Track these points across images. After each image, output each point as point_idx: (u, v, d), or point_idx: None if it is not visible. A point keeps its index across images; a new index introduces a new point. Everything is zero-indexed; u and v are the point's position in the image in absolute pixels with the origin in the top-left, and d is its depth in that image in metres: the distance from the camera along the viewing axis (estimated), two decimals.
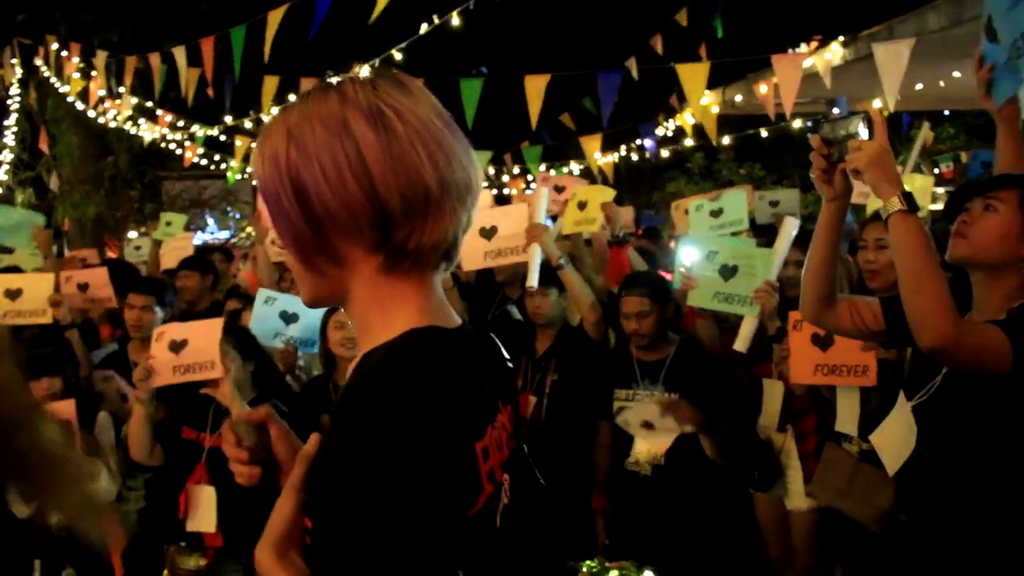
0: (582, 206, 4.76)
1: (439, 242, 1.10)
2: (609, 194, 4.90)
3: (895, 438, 2.48)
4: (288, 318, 4.27)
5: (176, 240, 6.57)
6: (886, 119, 2.35)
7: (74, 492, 1.53)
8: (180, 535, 3.52)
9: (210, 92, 9.18)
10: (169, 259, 6.22)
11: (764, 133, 10.28)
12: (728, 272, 3.84)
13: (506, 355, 1.32)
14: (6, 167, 13.51)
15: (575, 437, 3.93)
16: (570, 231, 4.72)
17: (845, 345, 3.19)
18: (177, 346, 3.46)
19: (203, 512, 3.45)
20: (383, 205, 1.05)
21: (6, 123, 12.65)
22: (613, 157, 11.87)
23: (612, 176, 11.54)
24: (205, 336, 3.45)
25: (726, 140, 11.05)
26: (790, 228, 3.75)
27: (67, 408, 3.62)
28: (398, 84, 1.10)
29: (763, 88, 7.23)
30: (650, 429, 3.51)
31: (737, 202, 4.75)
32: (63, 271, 5.16)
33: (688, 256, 4.04)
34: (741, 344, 3.72)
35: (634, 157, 12.24)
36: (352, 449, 0.95)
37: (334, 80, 1.13)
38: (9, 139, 12.89)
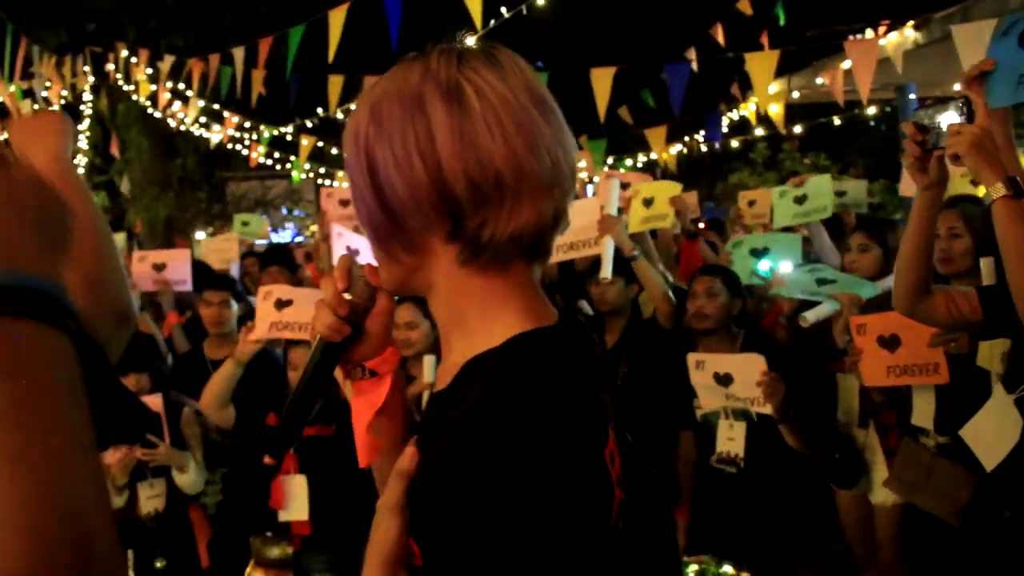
0: (648, 203, 4.73)
1: (519, 235, 0.98)
2: (675, 188, 4.86)
3: (991, 432, 2.41)
4: None
5: (219, 241, 6.61)
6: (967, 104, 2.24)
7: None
8: (266, 525, 3.59)
9: (263, 91, 9.30)
10: (213, 259, 6.27)
11: (837, 121, 10.08)
12: (825, 283, 3.81)
13: (596, 339, 1.21)
14: (81, 171, 13.89)
15: (648, 432, 3.91)
16: (638, 229, 4.67)
17: (913, 344, 3.11)
18: (282, 304, 3.53)
19: (296, 501, 3.52)
20: (449, 190, 0.95)
21: (80, 129, 13.01)
22: (678, 149, 11.75)
23: (675, 168, 11.44)
24: (310, 301, 3.52)
25: (797, 129, 10.84)
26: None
27: (154, 403, 3.71)
28: (488, 58, 0.99)
29: (832, 75, 7.10)
30: (724, 385, 3.47)
31: (822, 188, 4.67)
32: (136, 252, 5.23)
33: (784, 267, 4.05)
34: (811, 316, 3.66)
35: (703, 148, 12.10)
36: (489, 474, 0.87)
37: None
38: (82, 144, 13.26)
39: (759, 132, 11.16)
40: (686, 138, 12.37)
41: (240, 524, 3.76)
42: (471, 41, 1.10)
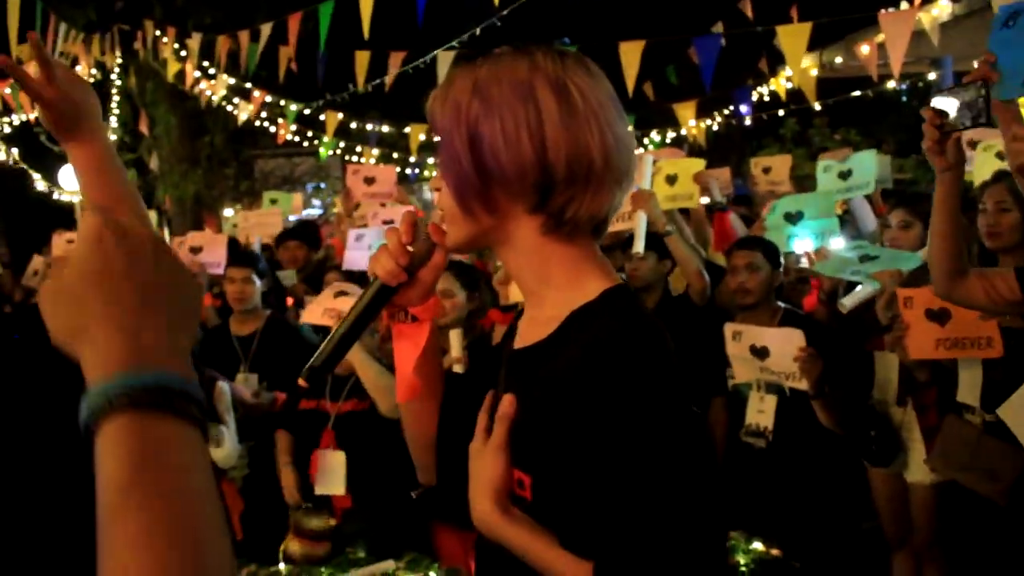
0: (671, 180, 4.68)
1: (595, 215, 1.17)
2: (698, 164, 4.81)
3: None
4: None
5: (262, 215, 6.65)
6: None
7: None
8: (306, 497, 3.63)
9: (294, 67, 9.30)
10: (256, 233, 6.31)
11: (870, 94, 9.91)
12: (868, 259, 3.76)
13: None
14: None
15: None
16: (664, 207, 4.64)
17: (964, 316, 3.04)
18: (340, 294, 3.64)
19: (333, 476, 3.55)
20: (549, 170, 1.13)
21: (109, 107, 13.08)
22: (706, 124, 11.62)
23: (705, 144, 11.32)
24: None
25: (831, 102, 10.66)
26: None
27: None
28: (583, 64, 1.18)
29: (865, 48, 6.97)
30: (760, 357, 3.44)
31: (866, 164, 4.60)
32: (176, 239, 5.27)
33: (834, 244, 4.02)
34: (849, 301, 3.62)
35: (733, 122, 11.97)
36: (635, 385, 1.04)
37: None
38: (112, 122, 13.34)
39: (788, 107, 10.98)
40: (715, 113, 12.24)
41: (273, 497, 3.79)
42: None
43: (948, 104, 2.23)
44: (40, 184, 14.71)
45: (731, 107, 11.76)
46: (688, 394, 1.10)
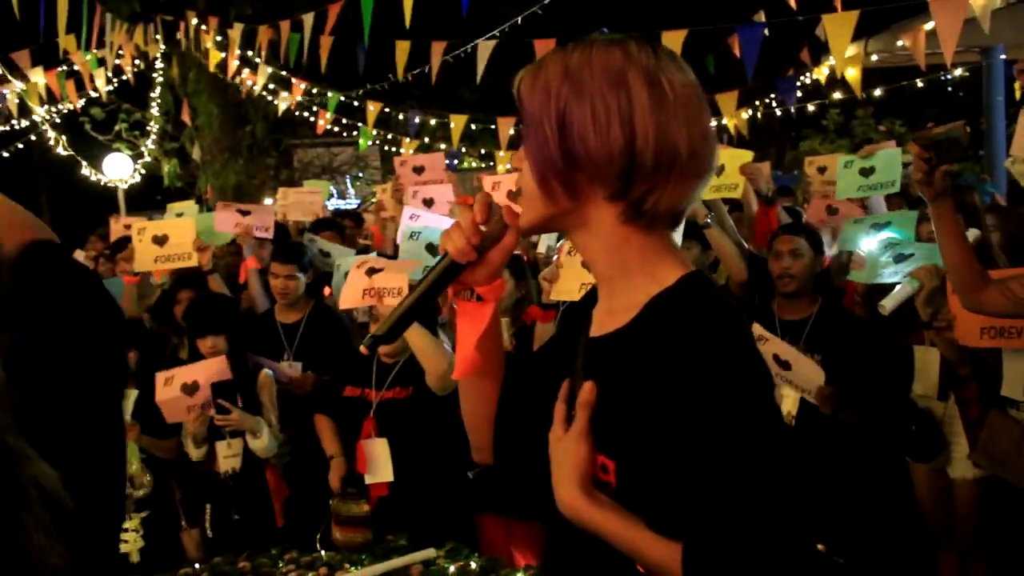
0: (717, 170, 4.63)
1: (674, 206, 1.20)
2: (746, 156, 4.75)
3: None
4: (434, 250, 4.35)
5: (301, 193, 6.54)
6: None
7: None
8: (346, 484, 3.66)
9: (323, 56, 9.31)
10: (296, 212, 6.27)
11: (918, 84, 9.73)
12: (903, 258, 3.70)
13: None
14: (153, 138, 14.17)
15: None
16: (708, 197, 4.59)
17: None
18: (373, 271, 3.62)
19: (380, 464, 3.58)
20: (636, 158, 1.14)
21: (152, 96, 13.24)
22: (747, 114, 11.48)
23: (747, 135, 11.19)
24: (400, 268, 3.63)
25: (877, 93, 10.47)
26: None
27: (221, 366, 3.77)
28: (673, 59, 1.20)
29: (914, 36, 6.83)
30: (782, 368, 3.43)
31: (891, 161, 4.51)
32: (221, 203, 5.27)
33: (866, 244, 3.95)
34: (889, 303, 3.57)
35: (778, 112, 11.82)
36: (721, 389, 1.06)
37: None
38: (155, 111, 13.49)
39: (838, 96, 10.78)
40: (756, 104, 12.09)
41: (313, 484, 3.82)
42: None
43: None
44: (86, 171, 14.93)
45: (772, 97, 11.62)
46: (768, 376, 1.13)
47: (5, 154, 14.20)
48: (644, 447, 1.11)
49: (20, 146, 14.21)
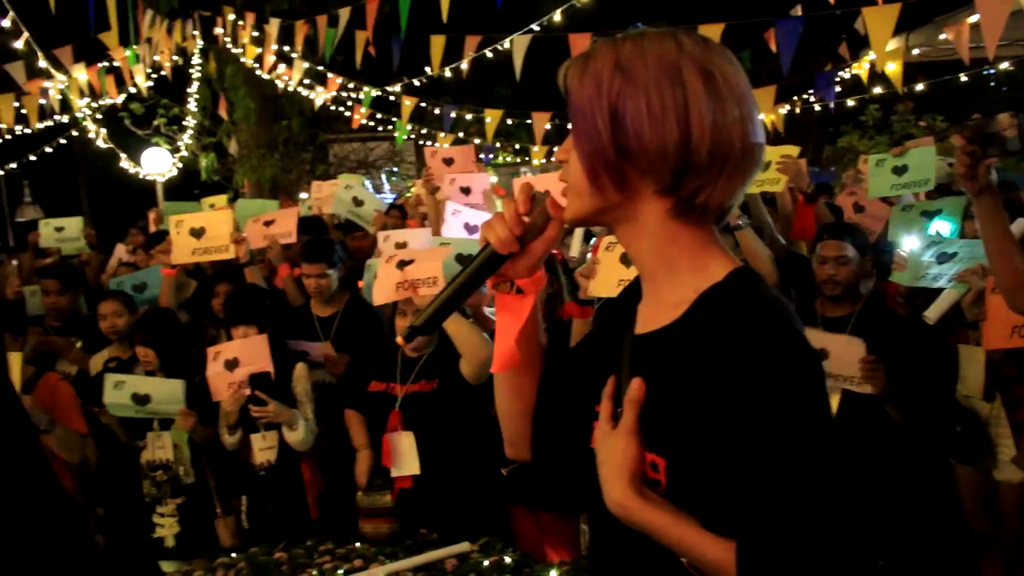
0: (764, 166, 4.58)
1: (724, 202, 1.17)
2: (792, 151, 4.70)
3: None
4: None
5: (329, 186, 6.51)
6: None
7: None
8: (373, 478, 3.69)
9: (371, 51, 9.36)
10: (324, 205, 6.29)
11: (961, 78, 9.55)
12: (946, 258, 3.63)
13: None
14: (191, 133, 14.32)
15: None
16: (749, 191, 4.54)
17: None
18: (404, 264, 3.63)
19: (406, 458, 3.59)
20: (691, 154, 1.12)
21: (189, 91, 13.37)
22: (784, 110, 11.35)
23: (783, 130, 11.07)
24: (431, 257, 3.63)
25: (918, 88, 10.29)
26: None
27: (262, 355, 3.80)
28: (725, 53, 1.18)
29: (957, 30, 6.71)
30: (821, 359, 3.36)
31: (925, 159, 4.43)
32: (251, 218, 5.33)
33: (908, 243, 3.88)
34: (933, 312, 3.50)
35: (817, 108, 11.67)
36: (774, 385, 1.05)
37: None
38: (192, 107, 13.62)
39: (878, 90, 10.60)
40: (793, 99, 11.96)
41: (349, 478, 3.84)
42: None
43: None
44: (125, 164, 15.12)
45: (810, 93, 11.48)
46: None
47: (48, 149, 14.41)
48: (696, 445, 1.10)
49: (63, 141, 14.42)
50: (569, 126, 1.23)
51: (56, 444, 3.78)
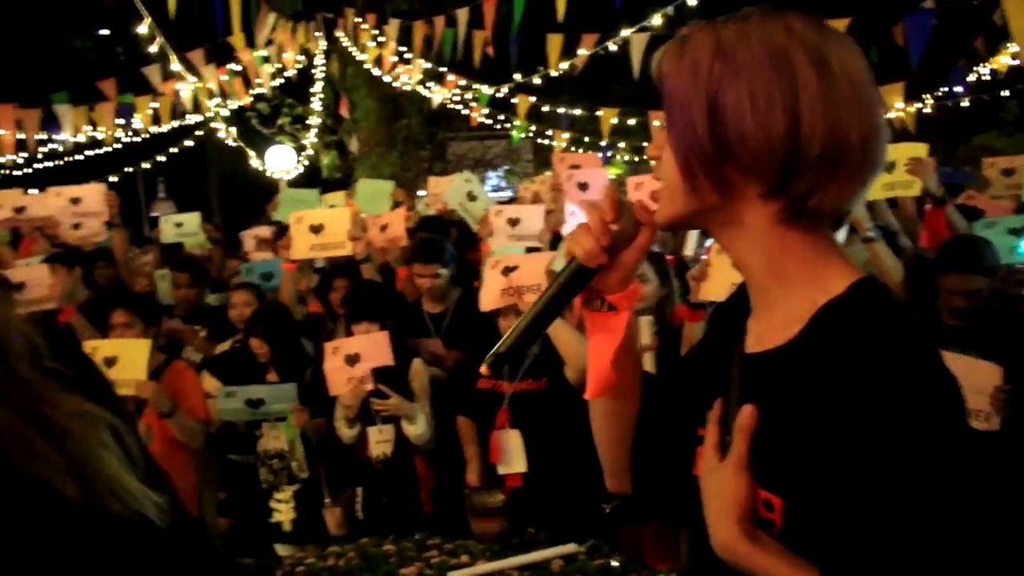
0: (889, 166, 4.39)
1: (840, 206, 1.04)
2: (920, 149, 4.47)
3: None
4: None
5: (444, 182, 6.65)
6: None
7: None
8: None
9: (490, 51, 9.43)
10: (437, 201, 6.41)
11: None
12: None
13: None
14: (314, 131, 14.76)
15: None
16: (878, 196, 4.35)
17: None
18: (508, 270, 3.65)
19: (513, 455, 3.61)
20: (800, 151, 0.99)
21: (313, 91, 13.78)
22: (915, 107, 10.89)
23: (914, 129, 10.62)
24: (535, 263, 3.63)
25: None
26: None
27: (382, 350, 3.88)
28: (842, 37, 1.04)
29: None
30: None
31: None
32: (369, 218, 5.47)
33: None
34: None
35: (949, 104, 11.16)
36: (912, 415, 0.92)
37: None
38: (316, 106, 14.04)
39: (1013, 87, 10.07)
40: (923, 96, 11.46)
41: (456, 474, 3.88)
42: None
43: None
44: (252, 162, 15.69)
45: (943, 89, 10.98)
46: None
47: (181, 147, 15.08)
48: (817, 481, 0.96)
49: (190, 143, 15.06)
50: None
51: (177, 429, 3.94)
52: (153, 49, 9.47)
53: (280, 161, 15.74)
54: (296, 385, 4.06)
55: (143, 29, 9.03)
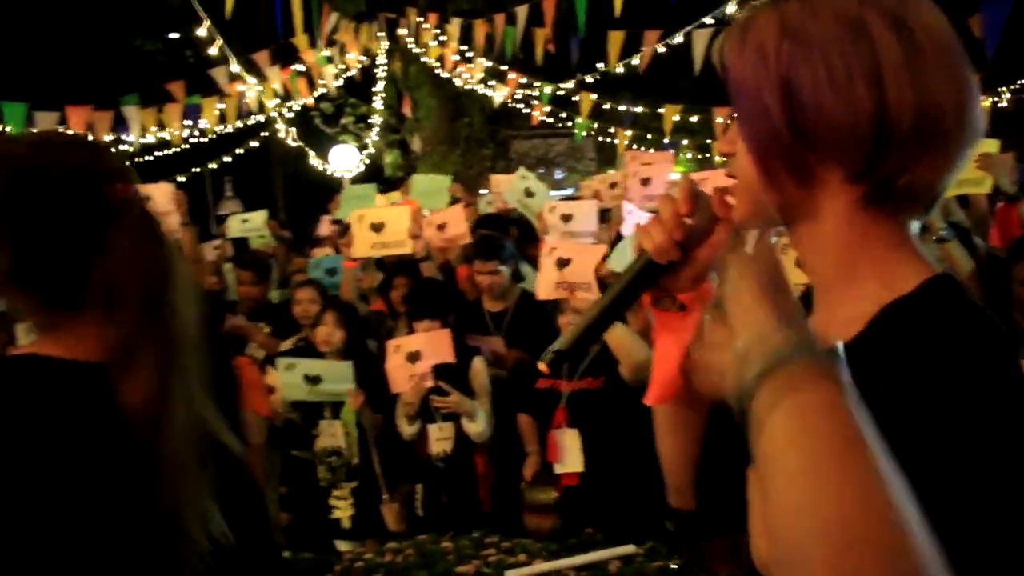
0: None
1: (933, 185, 0.94)
2: (991, 145, 4.32)
3: None
4: None
5: (505, 181, 6.63)
6: None
7: None
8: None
9: (551, 48, 9.40)
10: (497, 199, 6.42)
11: None
12: None
13: None
14: (377, 131, 14.90)
15: None
16: (947, 193, 4.21)
17: None
18: (563, 263, 3.65)
19: (570, 454, 3.60)
20: (891, 124, 0.89)
21: (375, 91, 13.91)
22: (991, 101, 10.56)
23: (988, 124, 10.27)
24: (587, 258, 3.61)
25: None
26: None
27: (443, 348, 3.89)
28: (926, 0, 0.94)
29: None
30: None
31: None
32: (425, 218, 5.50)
33: None
34: None
35: None
36: (983, 425, 0.83)
37: None
38: (379, 105, 14.17)
39: None
40: (1000, 89, 11.10)
41: (519, 474, 3.87)
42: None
43: None
44: (315, 161, 15.90)
45: (1020, 82, 10.63)
46: None
47: (247, 147, 15.35)
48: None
49: (255, 144, 15.31)
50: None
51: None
52: (213, 51, 9.64)
53: (343, 160, 15.93)
54: (353, 364, 4.09)
55: (203, 32, 9.19)
